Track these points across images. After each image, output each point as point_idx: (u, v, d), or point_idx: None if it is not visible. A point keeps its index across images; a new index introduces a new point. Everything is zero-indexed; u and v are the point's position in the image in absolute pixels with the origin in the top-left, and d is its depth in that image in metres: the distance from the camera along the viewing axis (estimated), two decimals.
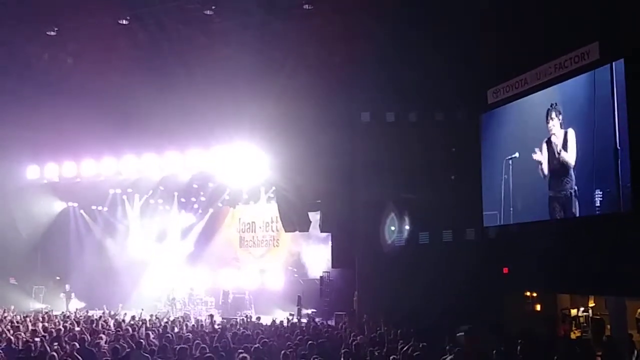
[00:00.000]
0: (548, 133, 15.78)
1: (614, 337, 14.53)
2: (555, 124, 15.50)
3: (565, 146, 14.84)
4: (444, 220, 19.63)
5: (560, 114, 15.20)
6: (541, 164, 16.09)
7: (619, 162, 12.84)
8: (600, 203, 13.66)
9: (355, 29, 18.50)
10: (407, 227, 20.78)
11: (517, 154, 16.62)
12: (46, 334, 15.10)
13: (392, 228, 20.95)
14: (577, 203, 14.86)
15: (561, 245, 15.70)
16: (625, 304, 15.81)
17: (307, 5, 18.70)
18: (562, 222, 15.83)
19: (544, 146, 15.95)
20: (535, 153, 16.19)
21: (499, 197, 17.64)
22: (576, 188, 14.86)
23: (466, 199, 19.07)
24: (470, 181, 19.18)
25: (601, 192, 13.64)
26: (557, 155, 15.28)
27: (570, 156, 14.81)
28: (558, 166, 15.40)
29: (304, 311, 25.08)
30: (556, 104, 15.31)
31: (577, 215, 15.06)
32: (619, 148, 12.82)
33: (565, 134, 15.11)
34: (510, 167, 17.05)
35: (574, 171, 14.96)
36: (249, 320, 20.84)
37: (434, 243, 19.75)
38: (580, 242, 15.11)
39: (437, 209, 19.42)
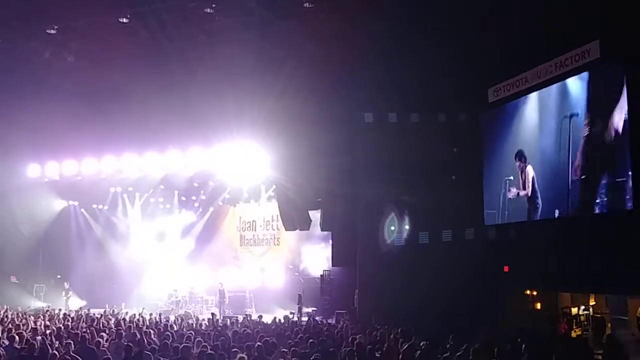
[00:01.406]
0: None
1: (614, 335, 14.54)
2: (519, 164, 16.77)
3: (525, 181, 16.59)
4: (445, 220, 19.62)
5: (524, 157, 16.32)
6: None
7: (569, 189, 14.60)
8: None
9: (356, 27, 18.49)
10: (407, 227, 20.80)
11: (512, 177, 17.04)
12: (47, 332, 15.10)
13: (392, 228, 20.98)
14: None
15: (562, 244, 15.71)
16: (627, 302, 15.83)
17: (307, 4, 18.69)
18: (562, 220, 15.84)
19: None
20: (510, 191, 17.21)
21: (498, 201, 17.75)
22: (541, 205, 16.16)
23: (467, 198, 19.07)
24: (472, 181, 19.18)
25: (558, 211, 15.44)
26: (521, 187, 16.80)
27: (528, 184, 16.52)
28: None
29: (305, 309, 25.08)
30: (522, 150, 16.43)
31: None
32: (574, 178, 14.57)
33: (525, 170, 16.55)
34: (507, 185, 17.27)
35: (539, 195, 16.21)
36: (249, 318, 20.85)
37: (435, 242, 19.74)
38: (581, 241, 15.12)
39: (438, 209, 19.40)
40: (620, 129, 13.70)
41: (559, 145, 15.40)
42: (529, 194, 16.38)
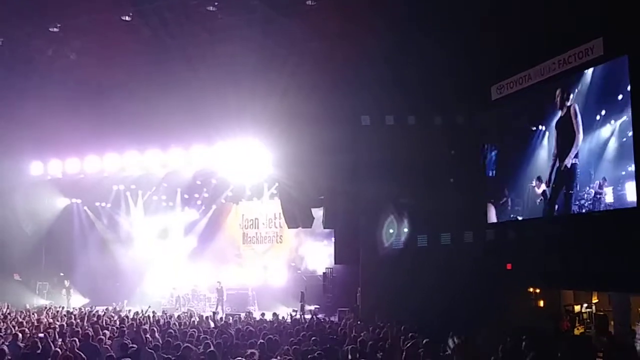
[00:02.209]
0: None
1: (618, 333, 14.54)
2: (538, 183, 16.78)
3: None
4: (448, 220, 19.57)
5: (541, 179, 16.42)
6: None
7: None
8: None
9: (358, 25, 18.47)
10: (405, 229, 20.79)
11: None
12: (50, 330, 15.13)
13: (391, 231, 21.00)
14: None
15: (565, 241, 15.69)
16: (629, 300, 15.81)
17: (310, 1, 18.68)
18: (565, 218, 15.83)
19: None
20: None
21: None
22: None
23: (469, 198, 19.05)
24: (474, 182, 19.14)
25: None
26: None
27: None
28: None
29: (307, 307, 25.09)
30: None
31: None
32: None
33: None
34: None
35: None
36: (251, 316, 20.88)
37: (437, 240, 19.72)
38: (584, 238, 15.09)
39: (440, 209, 19.36)
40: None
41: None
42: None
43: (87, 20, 20.53)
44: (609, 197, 12.39)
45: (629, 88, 13.75)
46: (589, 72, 14.71)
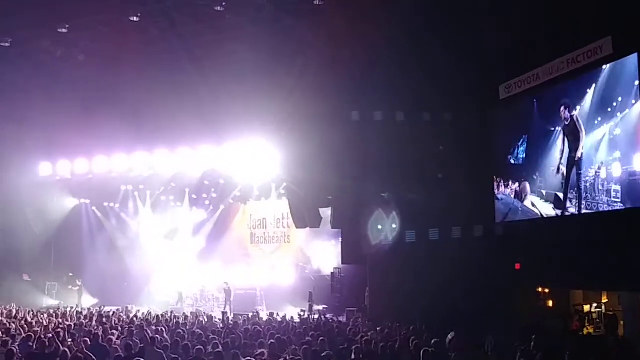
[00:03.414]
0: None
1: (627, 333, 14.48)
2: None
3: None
4: (455, 217, 19.54)
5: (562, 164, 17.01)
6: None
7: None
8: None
9: (365, 24, 18.44)
10: (394, 226, 20.84)
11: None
12: (60, 330, 15.17)
13: (379, 227, 21.06)
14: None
15: (574, 241, 15.64)
16: None
17: (317, 1, 18.67)
18: (574, 217, 15.77)
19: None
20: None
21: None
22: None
23: (478, 196, 19.00)
24: (482, 178, 19.09)
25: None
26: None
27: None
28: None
29: (316, 307, 25.07)
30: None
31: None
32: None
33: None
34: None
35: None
36: (258, 316, 20.87)
37: (445, 239, 19.67)
38: (593, 238, 15.04)
39: (449, 206, 19.32)
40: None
41: None
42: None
43: (96, 21, 20.61)
44: (603, 173, 15.08)
45: (636, 83, 13.77)
46: (590, 91, 15.50)
